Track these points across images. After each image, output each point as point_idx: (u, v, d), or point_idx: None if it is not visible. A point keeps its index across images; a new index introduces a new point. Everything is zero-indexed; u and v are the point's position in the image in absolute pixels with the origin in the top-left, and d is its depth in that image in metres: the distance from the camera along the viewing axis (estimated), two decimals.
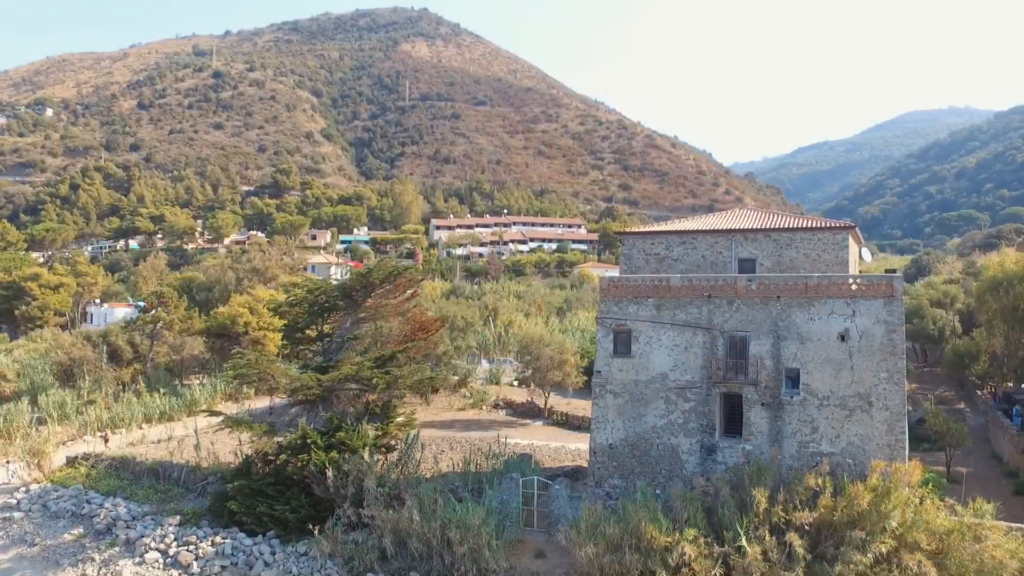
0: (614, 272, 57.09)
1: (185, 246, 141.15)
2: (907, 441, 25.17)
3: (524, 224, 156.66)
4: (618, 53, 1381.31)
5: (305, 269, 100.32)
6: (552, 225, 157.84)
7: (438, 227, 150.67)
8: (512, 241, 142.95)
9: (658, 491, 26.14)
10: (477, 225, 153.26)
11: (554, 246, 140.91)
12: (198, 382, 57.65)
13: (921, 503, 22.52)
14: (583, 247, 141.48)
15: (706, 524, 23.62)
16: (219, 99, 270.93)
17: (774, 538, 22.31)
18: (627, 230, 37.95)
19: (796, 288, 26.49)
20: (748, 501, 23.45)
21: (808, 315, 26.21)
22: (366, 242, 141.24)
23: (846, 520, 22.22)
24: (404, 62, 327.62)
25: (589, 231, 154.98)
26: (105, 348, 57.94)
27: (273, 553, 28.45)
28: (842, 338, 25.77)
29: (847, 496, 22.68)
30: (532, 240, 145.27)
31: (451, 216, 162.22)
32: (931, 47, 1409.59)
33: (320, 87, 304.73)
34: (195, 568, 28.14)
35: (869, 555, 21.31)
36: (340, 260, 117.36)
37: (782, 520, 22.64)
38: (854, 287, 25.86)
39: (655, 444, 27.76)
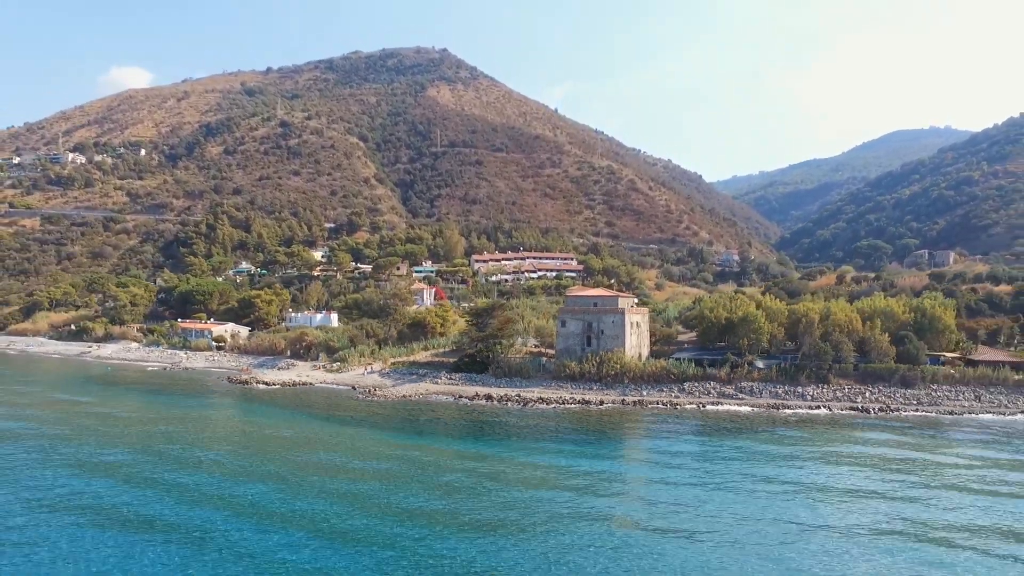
0: (583, 293, 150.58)
1: (312, 273, 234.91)
2: (626, 345, 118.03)
3: (534, 258, 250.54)
4: (624, 69, 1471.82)
5: (413, 293, 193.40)
6: (552, 259, 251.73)
7: (476, 260, 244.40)
8: (526, 271, 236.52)
9: (572, 359, 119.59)
10: (503, 259, 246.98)
11: (553, 274, 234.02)
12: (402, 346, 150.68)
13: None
14: (573, 275, 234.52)
15: (580, 362, 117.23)
16: (288, 147, 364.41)
17: (595, 363, 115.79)
18: (568, 294, 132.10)
19: (604, 309, 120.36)
20: (589, 357, 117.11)
21: (607, 317, 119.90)
22: (432, 272, 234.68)
23: (611, 360, 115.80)
24: (432, 109, 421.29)
25: (578, 262, 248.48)
26: (364, 332, 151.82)
27: (474, 377, 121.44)
28: (613, 322, 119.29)
29: (610, 355, 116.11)
30: (540, 270, 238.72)
31: (484, 252, 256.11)
32: (919, 65, 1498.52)
33: (365, 132, 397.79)
34: (456, 381, 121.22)
35: (614, 365, 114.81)
36: (424, 286, 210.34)
37: (595, 359, 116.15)
38: (615, 310, 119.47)
39: (571, 348, 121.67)
